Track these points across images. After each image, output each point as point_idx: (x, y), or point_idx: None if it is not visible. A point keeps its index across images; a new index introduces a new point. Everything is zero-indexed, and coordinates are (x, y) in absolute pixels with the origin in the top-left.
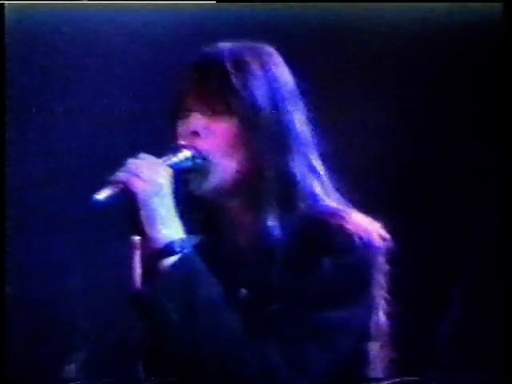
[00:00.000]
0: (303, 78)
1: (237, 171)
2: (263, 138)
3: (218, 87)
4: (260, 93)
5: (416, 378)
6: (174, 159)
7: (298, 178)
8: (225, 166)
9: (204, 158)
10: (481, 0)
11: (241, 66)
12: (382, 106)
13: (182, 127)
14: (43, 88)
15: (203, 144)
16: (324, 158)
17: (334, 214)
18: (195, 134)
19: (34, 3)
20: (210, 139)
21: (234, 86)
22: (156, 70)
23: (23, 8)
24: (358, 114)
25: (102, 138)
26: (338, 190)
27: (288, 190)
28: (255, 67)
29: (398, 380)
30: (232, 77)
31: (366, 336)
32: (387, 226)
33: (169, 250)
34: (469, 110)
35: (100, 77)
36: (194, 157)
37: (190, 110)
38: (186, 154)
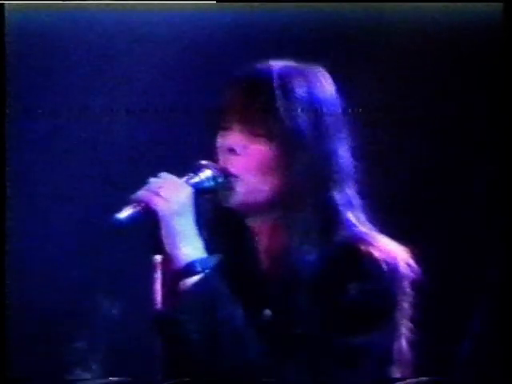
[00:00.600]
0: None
1: (267, 192)
2: (302, 164)
3: (262, 108)
4: (303, 120)
5: None
6: (195, 178)
7: (333, 205)
8: (255, 186)
9: (225, 177)
10: (481, 0)
11: (287, 88)
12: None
13: (220, 141)
14: (43, 88)
15: (237, 163)
16: (359, 186)
17: (362, 239)
18: (231, 151)
19: (33, 3)
20: (246, 158)
21: (277, 109)
22: (156, 69)
23: (23, 8)
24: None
25: (102, 138)
26: (369, 219)
27: (320, 217)
28: (302, 91)
29: None
30: (277, 100)
31: (388, 360)
32: (414, 254)
33: (190, 269)
34: (469, 110)
35: (100, 77)
36: (215, 177)
37: (231, 127)
38: (206, 173)
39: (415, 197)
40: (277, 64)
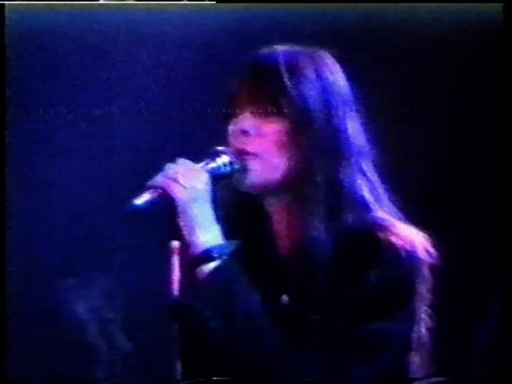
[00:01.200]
0: (358, 86)
1: (284, 172)
2: (313, 141)
3: (271, 88)
4: (312, 96)
5: None
6: (212, 164)
7: (348, 184)
8: (272, 166)
9: (242, 163)
10: (481, 0)
11: (295, 68)
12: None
13: (232, 126)
14: (43, 88)
15: (252, 143)
16: (377, 168)
17: (380, 225)
18: (245, 133)
19: (33, 3)
20: (260, 139)
21: (286, 87)
22: (156, 69)
23: (23, 8)
24: (411, 124)
25: (103, 137)
26: (390, 199)
27: (336, 197)
28: (309, 71)
29: None
30: (285, 79)
31: (407, 348)
32: (433, 239)
33: (207, 256)
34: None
35: (100, 77)
36: (231, 162)
37: (241, 110)
38: (223, 159)
39: (434, 182)
40: (281, 47)
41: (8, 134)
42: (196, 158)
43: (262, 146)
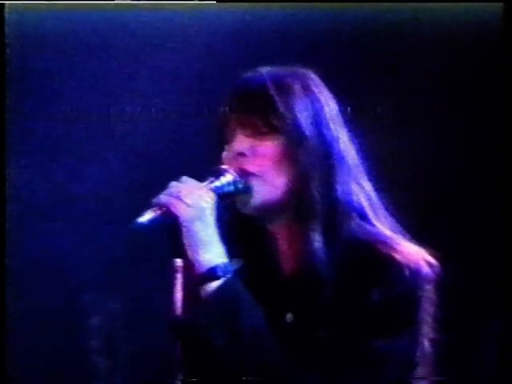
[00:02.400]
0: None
1: (282, 191)
2: (307, 157)
3: (262, 109)
4: (303, 113)
5: None
6: (216, 183)
7: (346, 198)
8: (271, 186)
9: (246, 182)
10: (481, 0)
11: (283, 87)
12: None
13: (227, 150)
14: (43, 88)
15: (250, 164)
16: (372, 180)
17: (383, 242)
18: (241, 155)
19: (33, 3)
20: (257, 159)
21: (277, 106)
22: (156, 70)
23: (23, 8)
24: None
25: (103, 139)
26: (387, 209)
27: (335, 212)
28: (297, 89)
29: None
30: (275, 98)
31: (411, 364)
32: (435, 254)
33: (211, 274)
34: (469, 110)
35: (100, 77)
36: (235, 181)
37: (234, 133)
38: (227, 177)
39: (433, 193)
40: (266, 68)
41: (8, 134)
42: (200, 177)
43: (259, 166)
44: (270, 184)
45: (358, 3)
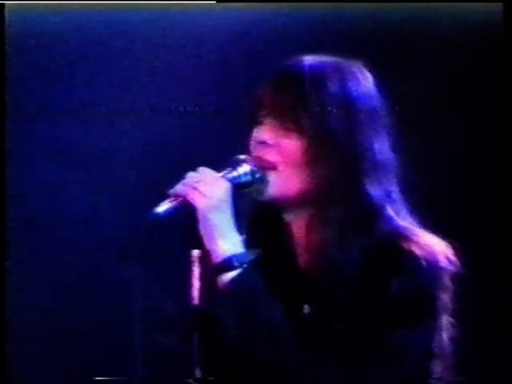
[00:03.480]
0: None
1: (302, 187)
2: (332, 158)
3: (293, 103)
4: (335, 115)
5: None
6: (233, 173)
7: (373, 203)
8: (290, 178)
9: (263, 173)
10: (481, 0)
11: (319, 83)
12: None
13: (254, 136)
14: (43, 88)
15: (270, 155)
16: (402, 183)
17: (402, 235)
18: (263, 143)
19: (33, 3)
20: (278, 151)
21: (307, 104)
22: (156, 69)
23: (23, 8)
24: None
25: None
26: (410, 214)
27: (356, 211)
28: (334, 86)
29: None
30: (307, 95)
31: (429, 357)
32: (455, 247)
33: (228, 264)
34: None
35: (100, 77)
36: (253, 171)
37: (263, 121)
38: (245, 168)
39: (455, 191)
40: (308, 58)
41: (8, 134)
42: (217, 167)
43: (279, 158)
44: (287, 178)
45: (358, 3)
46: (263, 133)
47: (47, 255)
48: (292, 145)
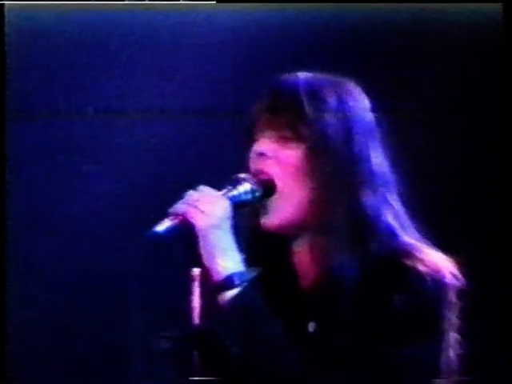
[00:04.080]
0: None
1: (303, 200)
2: (331, 169)
3: (291, 114)
4: (332, 124)
5: None
6: (234, 192)
7: (370, 212)
8: (291, 194)
9: (263, 192)
10: (481, 0)
11: (315, 95)
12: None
13: (252, 150)
14: (43, 88)
15: (269, 166)
16: (402, 196)
17: (405, 251)
18: (262, 155)
19: (33, 3)
20: (277, 163)
21: (306, 114)
22: (156, 70)
23: (23, 8)
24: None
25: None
26: (415, 227)
27: (358, 225)
28: (330, 99)
29: None
30: (306, 105)
31: (434, 373)
32: (459, 263)
33: (228, 283)
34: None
35: (100, 77)
36: (253, 190)
37: (261, 134)
38: (245, 186)
39: (459, 207)
40: (303, 74)
41: (8, 134)
42: (217, 185)
43: (278, 170)
44: (287, 193)
45: (358, 3)
46: (261, 145)
47: (47, 255)
48: (291, 154)
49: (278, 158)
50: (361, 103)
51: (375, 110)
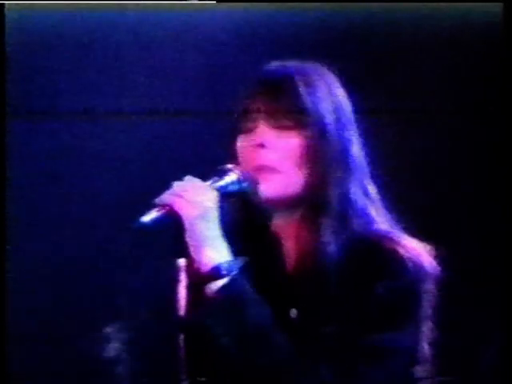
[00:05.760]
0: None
1: (299, 186)
2: (328, 154)
3: (288, 102)
4: (327, 110)
5: None
6: (221, 182)
7: (354, 197)
8: (288, 180)
9: (250, 182)
10: (481, 0)
11: (309, 83)
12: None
13: (248, 141)
14: (43, 88)
15: (269, 157)
16: (374, 181)
17: (386, 237)
18: (261, 146)
19: (34, 3)
20: (277, 152)
21: (303, 100)
22: (156, 70)
23: (23, 8)
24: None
25: (103, 138)
26: (390, 213)
27: (346, 210)
28: (321, 86)
29: None
30: (302, 92)
31: (414, 360)
32: (437, 252)
33: (215, 273)
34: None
35: (100, 77)
36: (239, 180)
37: (256, 124)
38: (232, 177)
39: (434, 193)
40: (291, 62)
41: (8, 134)
42: (204, 176)
43: (278, 160)
44: (285, 178)
45: (358, 3)
46: (260, 136)
47: (47, 255)
48: (291, 142)
49: (277, 147)
50: (341, 89)
51: (375, 110)
